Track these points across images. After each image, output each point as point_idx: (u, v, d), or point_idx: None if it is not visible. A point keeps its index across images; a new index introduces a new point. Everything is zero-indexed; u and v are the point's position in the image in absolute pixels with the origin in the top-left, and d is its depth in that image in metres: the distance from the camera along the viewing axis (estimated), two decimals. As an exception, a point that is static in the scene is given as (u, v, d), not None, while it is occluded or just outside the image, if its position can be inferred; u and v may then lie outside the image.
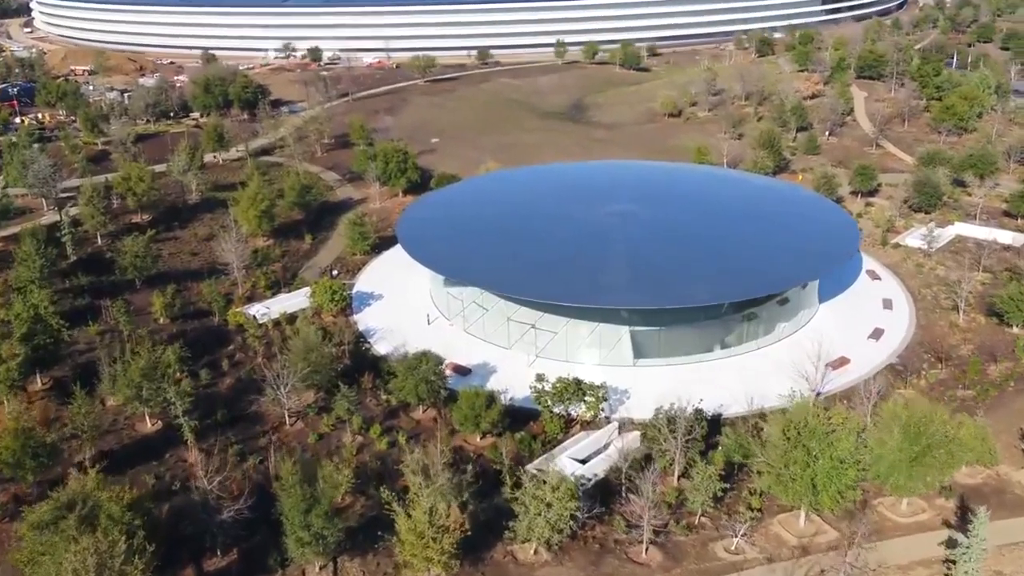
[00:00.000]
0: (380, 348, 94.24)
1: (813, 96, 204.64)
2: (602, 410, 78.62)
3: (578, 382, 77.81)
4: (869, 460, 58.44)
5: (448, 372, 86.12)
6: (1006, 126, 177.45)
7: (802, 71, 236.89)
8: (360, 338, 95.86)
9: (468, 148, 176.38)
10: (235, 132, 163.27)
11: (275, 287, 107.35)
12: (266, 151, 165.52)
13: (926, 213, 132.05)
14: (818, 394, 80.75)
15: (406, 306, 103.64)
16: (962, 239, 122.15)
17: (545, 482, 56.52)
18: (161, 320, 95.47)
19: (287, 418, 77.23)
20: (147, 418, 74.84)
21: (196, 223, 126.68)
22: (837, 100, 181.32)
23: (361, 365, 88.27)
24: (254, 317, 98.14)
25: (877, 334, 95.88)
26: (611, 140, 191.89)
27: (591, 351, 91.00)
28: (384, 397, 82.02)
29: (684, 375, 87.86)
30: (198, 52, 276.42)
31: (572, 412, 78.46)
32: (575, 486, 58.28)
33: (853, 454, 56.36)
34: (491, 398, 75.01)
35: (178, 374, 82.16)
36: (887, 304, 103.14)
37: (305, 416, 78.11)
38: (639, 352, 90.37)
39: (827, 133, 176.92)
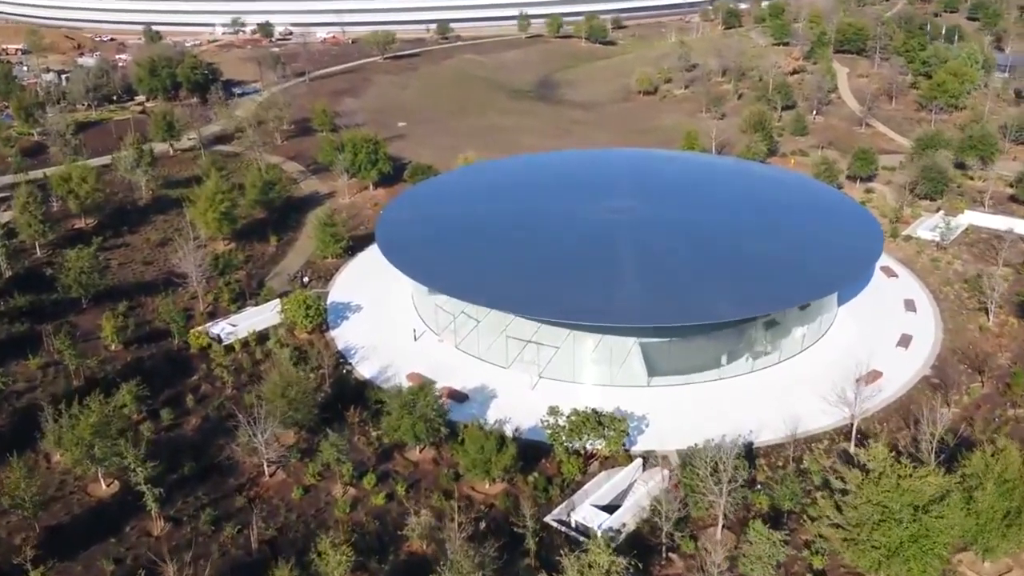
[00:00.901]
0: (363, 371, 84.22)
1: (794, 72, 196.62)
2: (623, 444, 69.86)
3: (597, 414, 68.85)
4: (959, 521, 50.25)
5: (443, 399, 76.98)
6: (995, 103, 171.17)
7: (777, 44, 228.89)
8: (340, 359, 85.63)
9: (438, 133, 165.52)
10: (186, 119, 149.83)
11: (240, 299, 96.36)
12: (221, 139, 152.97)
13: (931, 200, 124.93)
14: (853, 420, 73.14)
15: (388, 318, 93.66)
16: (975, 229, 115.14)
17: (591, 566, 47.33)
18: (113, 347, 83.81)
19: (265, 467, 66.92)
20: (101, 479, 63.81)
21: (148, 227, 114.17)
22: (823, 77, 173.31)
23: (344, 393, 78.30)
24: (219, 337, 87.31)
25: (905, 341, 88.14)
26: (588, 121, 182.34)
27: (599, 369, 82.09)
28: (375, 434, 72.22)
29: (703, 395, 79.61)
30: (140, 28, 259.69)
31: (589, 446, 69.54)
32: (624, 571, 49.14)
33: (948, 519, 48.20)
34: (502, 439, 65.59)
35: (136, 415, 71.69)
36: (909, 305, 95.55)
37: (286, 464, 67.89)
38: (653, 369, 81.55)
39: (813, 112, 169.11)
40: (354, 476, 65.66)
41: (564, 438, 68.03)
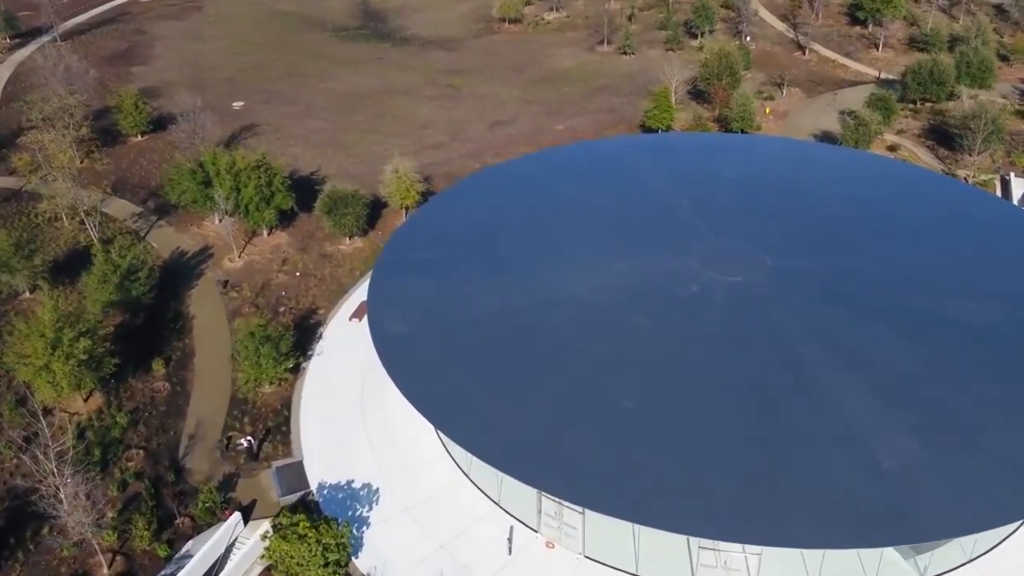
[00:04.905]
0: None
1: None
2: None
3: None
4: None
5: None
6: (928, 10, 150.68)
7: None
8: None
9: (295, 113, 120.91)
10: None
11: (166, 527, 54.41)
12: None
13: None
14: None
15: (434, 508, 56.46)
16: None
17: None
18: None
19: None
20: None
21: (-66, 395, 64.96)
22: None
23: None
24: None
25: None
26: (464, 69, 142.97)
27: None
28: None
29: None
30: None
31: None
32: None
33: None
34: None
35: None
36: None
37: None
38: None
39: (746, 37, 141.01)
40: None
41: None
